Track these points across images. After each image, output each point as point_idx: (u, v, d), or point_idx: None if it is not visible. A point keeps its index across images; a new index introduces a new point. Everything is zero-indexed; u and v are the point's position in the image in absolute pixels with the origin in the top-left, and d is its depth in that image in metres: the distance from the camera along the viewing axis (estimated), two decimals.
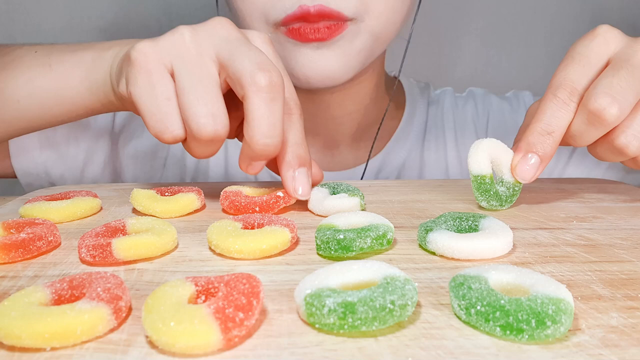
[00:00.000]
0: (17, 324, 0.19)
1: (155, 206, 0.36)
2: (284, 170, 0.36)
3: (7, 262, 0.28)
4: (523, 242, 0.30)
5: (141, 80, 0.34)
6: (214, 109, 0.33)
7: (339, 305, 0.19)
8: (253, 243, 0.28)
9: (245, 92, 0.32)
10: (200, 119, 0.33)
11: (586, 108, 0.33)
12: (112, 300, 0.21)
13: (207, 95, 0.33)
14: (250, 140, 0.33)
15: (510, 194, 0.37)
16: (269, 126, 0.32)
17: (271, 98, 0.32)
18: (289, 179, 0.36)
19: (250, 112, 0.32)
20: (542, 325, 0.19)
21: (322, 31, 0.45)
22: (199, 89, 0.33)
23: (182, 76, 0.33)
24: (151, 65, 0.34)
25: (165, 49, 0.34)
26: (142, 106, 0.34)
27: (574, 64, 0.35)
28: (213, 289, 0.22)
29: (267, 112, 0.32)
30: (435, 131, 0.62)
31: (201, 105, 0.33)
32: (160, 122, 0.34)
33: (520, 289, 0.22)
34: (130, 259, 0.28)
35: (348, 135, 0.60)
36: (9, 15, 0.85)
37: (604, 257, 0.28)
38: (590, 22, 0.90)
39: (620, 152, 0.34)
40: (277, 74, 0.32)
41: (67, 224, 0.35)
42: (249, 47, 0.34)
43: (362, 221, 0.30)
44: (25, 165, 0.56)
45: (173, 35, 0.35)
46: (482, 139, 0.37)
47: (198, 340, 0.18)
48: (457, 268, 0.26)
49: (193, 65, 0.34)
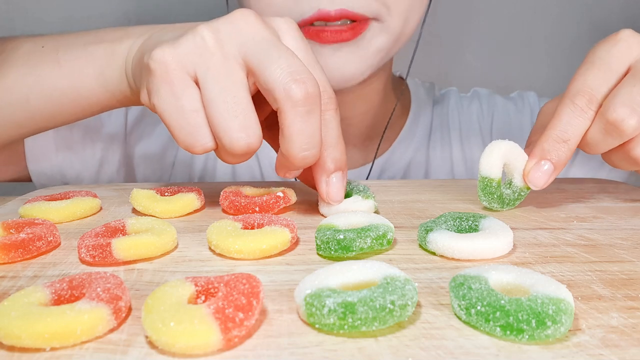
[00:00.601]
0: (16, 324, 0.19)
1: (155, 206, 0.36)
2: (318, 175, 0.34)
3: (7, 262, 0.28)
4: (523, 242, 0.30)
5: (164, 92, 0.32)
6: (247, 121, 0.31)
7: (339, 305, 0.19)
8: (253, 243, 0.28)
9: (280, 107, 0.30)
10: (233, 133, 0.30)
11: (604, 117, 0.33)
12: (112, 301, 0.21)
13: (238, 107, 0.31)
14: (288, 154, 0.31)
15: (515, 198, 0.36)
16: (307, 139, 0.31)
17: (308, 111, 0.30)
18: (323, 184, 0.34)
19: (287, 127, 0.30)
20: (543, 326, 0.19)
21: (343, 34, 0.45)
22: (228, 100, 0.31)
23: (209, 85, 0.31)
24: (173, 75, 0.31)
25: (187, 55, 0.31)
26: (168, 120, 0.32)
27: (594, 69, 0.34)
28: (213, 289, 0.22)
29: (304, 126, 0.30)
30: (440, 131, 0.62)
31: (232, 118, 0.30)
32: (189, 135, 0.32)
33: (520, 289, 0.22)
34: (130, 259, 0.28)
35: (356, 136, 0.60)
36: (8, 15, 0.85)
37: (604, 257, 0.28)
38: (591, 24, 0.90)
39: (636, 163, 0.34)
40: (312, 82, 0.30)
41: (66, 224, 0.35)
42: (279, 49, 0.31)
43: (362, 221, 0.30)
44: (41, 167, 0.56)
45: (194, 38, 0.32)
46: (500, 140, 0.36)
47: (198, 340, 0.18)
48: (457, 268, 0.26)
49: (219, 71, 0.31)
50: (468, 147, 0.61)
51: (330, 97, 0.34)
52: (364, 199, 0.35)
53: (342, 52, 0.47)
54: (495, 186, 0.35)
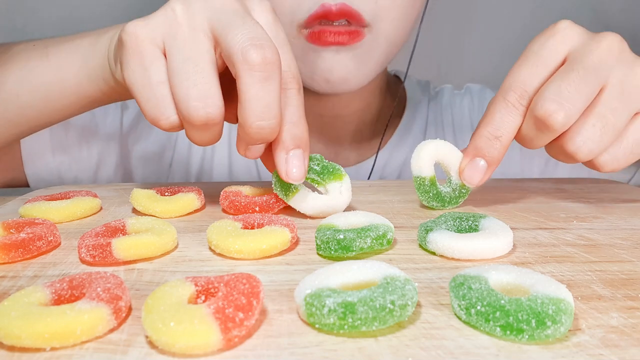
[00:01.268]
0: (17, 324, 0.19)
1: (155, 206, 0.36)
2: (277, 151, 0.33)
3: (7, 262, 0.28)
4: (523, 242, 0.30)
5: (133, 63, 0.32)
6: (206, 89, 0.30)
7: (339, 305, 0.19)
8: (253, 243, 0.28)
9: (237, 71, 0.30)
10: (191, 102, 0.30)
11: (533, 113, 0.32)
12: (112, 300, 0.21)
13: (198, 75, 0.30)
14: (244, 123, 0.30)
15: (456, 196, 0.36)
16: (263, 108, 0.30)
17: (265, 77, 0.29)
18: (282, 161, 0.33)
19: (243, 92, 0.30)
20: (542, 326, 0.19)
21: (342, 36, 0.46)
22: (189, 69, 0.30)
23: (173, 55, 0.31)
24: (142, 46, 0.31)
25: (156, 27, 0.32)
26: (135, 91, 0.32)
27: (527, 63, 0.34)
28: (213, 289, 0.22)
29: (260, 93, 0.30)
30: (435, 128, 0.62)
31: (191, 86, 0.30)
32: (155, 107, 0.32)
33: (520, 289, 0.22)
34: (130, 259, 0.28)
35: (352, 134, 0.61)
36: (8, 15, 0.85)
37: (604, 257, 0.28)
38: (591, 22, 0.90)
39: (571, 158, 0.34)
40: (272, 49, 0.29)
41: (67, 224, 0.35)
42: (245, 18, 0.31)
43: (362, 221, 0.30)
44: (39, 171, 0.56)
45: (165, 12, 0.32)
46: (430, 140, 0.36)
47: (198, 340, 0.18)
48: (457, 268, 0.26)
49: (185, 42, 0.31)
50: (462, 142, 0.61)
51: (294, 76, 0.34)
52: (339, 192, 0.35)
53: (341, 55, 0.47)
54: (429, 184, 0.35)
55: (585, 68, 0.32)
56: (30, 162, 0.55)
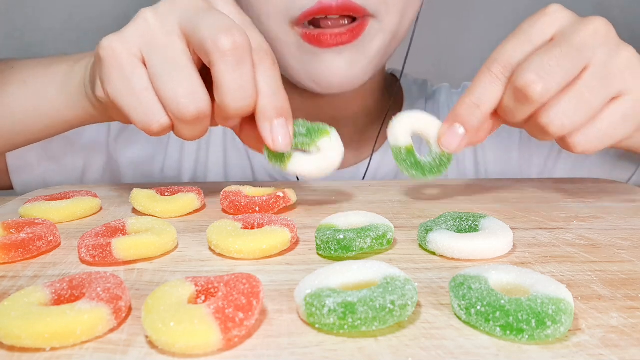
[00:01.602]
0: (17, 324, 0.19)
1: (155, 206, 0.36)
2: (260, 123, 0.34)
3: (7, 262, 0.28)
4: (523, 242, 0.30)
5: (115, 76, 0.33)
6: (191, 86, 0.32)
7: (339, 305, 0.19)
8: (253, 243, 0.28)
9: (211, 59, 0.31)
10: (180, 100, 0.32)
11: (513, 84, 0.33)
12: (112, 301, 0.21)
13: (181, 74, 0.32)
14: (223, 105, 0.32)
15: (437, 165, 0.37)
16: (239, 90, 0.32)
17: (237, 61, 0.31)
18: (267, 131, 0.34)
19: (219, 78, 0.31)
20: (542, 326, 0.19)
21: (343, 37, 0.45)
22: (171, 70, 0.32)
23: (153, 61, 0.32)
24: (120, 58, 0.32)
25: (131, 37, 0.33)
26: (122, 102, 0.33)
27: (514, 40, 0.35)
28: (213, 289, 0.22)
29: (235, 76, 0.31)
30: None
31: (177, 85, 0.32)
32: (143, 114, 0.33)
33: (520, 289, 0.22)
34: (130, 259, 0.28)
35: (349, 135, 0.60)
36: (8, 15, 0.86)
37: (604, 257, 0.28)
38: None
39: (543, 131, 0.34)
40: (240, 34, 0.31)
41: (67, 224, 0.35)
42: (211, 12, 0.32)
43: (362, 221, 0.30)
44: (25, 178, 0.56)
45: (136, 22, 0.33)
46: (407, 111, 0.37)
47: (198, 340, 0.18)
48: (457, 268, 0.26)
49: (161, 47, 0.32)
50: None
51: (267, 52, 0.35)
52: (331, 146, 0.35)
53: (343, 55, 0.46)
54: (405, 153, 0.36)
55: (570, 46, 0.32)
56: (16, 171, 0.56)
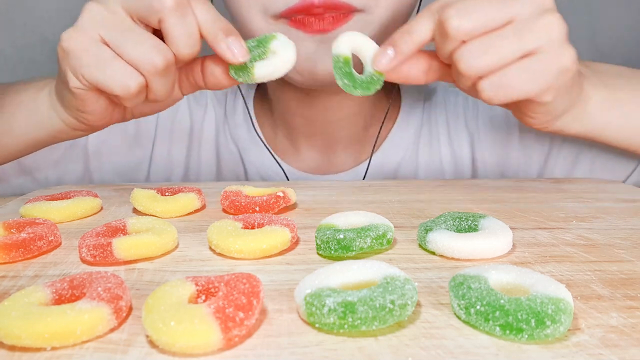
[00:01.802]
0: (17, 324, 0.19)
1: (156, 206, 0.36)
2: (216, 46, 0.37)
3: (8, 261, 0.28)
4: (523, 242, 0.30)
5: (84, 58, 0.36)
6: (153, 41, 0.36)
7: (339, 304, 0.19)
8: (253, 243, 0.28)
9: (160, 17, 0.35)
10: (147, 55, 0.35)
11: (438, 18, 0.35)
12: (113, 300, 0.21)
13: (140, 37, 0.36)
14: (179, 53, 0.36)
15: (367, 81, 0.38)
16: (191, 36, 0.36)
17: (183, 13, 0.35)
18: (225, 49, 0.37)
19: (170, 31, 0.35)
20: (542, 325, 0.19)
21: (326, 20, 0.45)
22: (131, 37, 0.35)
23: (112, 37, 0.36)
24: (84, 43, 0.36)
25: (87, 25, 0.36)
26: (98, 77, 0.36)
27: None
28: (213, 289, 0.22)
29: (184, 28, 0.35)
30: (429, 127, 0.61)
31: (140, 45, 0.35)
32: (120, 79, 0.35)
33: (520, 288, 0.22)
34: (131, 258, 0.28)
35: (346, 138, 0.59)
36: (8, 15, 0.86)
37: (604, 257, 0.28)
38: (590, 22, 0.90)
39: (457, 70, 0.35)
40: None
41: (67, 224, 0.35)
42: None
43: (362, 221, 0.30)
44: (2, 190, 0.57)
45: (85, 13, 0.37)
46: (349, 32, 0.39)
47: (198, 339, 0.18)
48: (457, 268, 0.26)
49: (114, 24, 0.36)
50: (456, 140, 0.59)
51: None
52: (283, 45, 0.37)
53: (326, 45, 0.46)
54: (342, 62, 0.38)
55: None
56: None
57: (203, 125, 0.62)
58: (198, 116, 0.62)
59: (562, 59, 0.35)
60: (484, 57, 0.34)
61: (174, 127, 0.61)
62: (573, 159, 0.56)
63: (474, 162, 0.59)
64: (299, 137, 0.59)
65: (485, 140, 0.58)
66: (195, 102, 0.63)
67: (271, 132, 0.61)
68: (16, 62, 0.87)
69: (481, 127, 0.59)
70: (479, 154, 0.58)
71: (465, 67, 0.34)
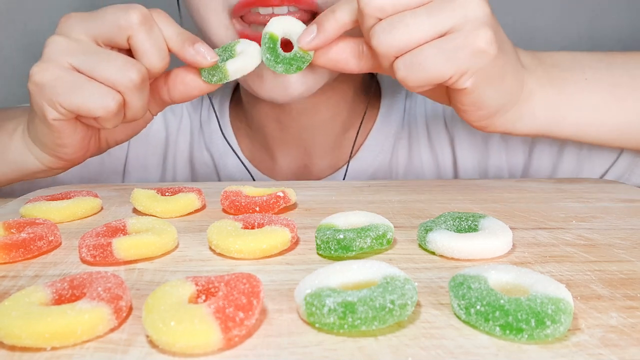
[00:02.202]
0: (17, 324, 0.19)
1: (156, 206, 0.36)
2: (184, 53, 0.38)
3: (8, 261, 0.28)
4: (522, 242, 0.30)
5: (59, 87, 0.36)
6: (123, 59, 0.37)
7: (339, 304, 0.19)
8: (253, 243, 0.28)
9: (129, 34, 0.36)
10: (121, 72, 0.36)
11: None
12: (113, 300, 0.21)
13: (110, 57, 0.37)
14: (151, 66, 0.37)
15: (290, 58, 0.39)
16: (160, 50, 0.37)
17: (148, 29, 0.37)
18: (194, 55, 0.38)
19: (140, 46, 0.37)
20: (542, 325, 0.19)
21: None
22: (101, 59, 0.36)
23: (82, 62, 0.36)
24: (55, 72, 0.36)
25: (54, 56, 0.37)
26: (76, 102, 0.36)
27: None
28: (213, 289, 0.22)
29: (153, 41, 0.37)
30: (409, 126, 0.59)
31: (112, 65, 0.36)
32: (98, 99, 0.36)
33: (519, 288, 0.22)
34: (131, 258, 0.28)
35: (323, 144, 0.57)
36: (9, 15, 0.86)
37: (604, 257, 0.28)
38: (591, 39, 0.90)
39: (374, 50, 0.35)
40: (141, 7, 0.37)
41: (67, 224, 0.35)
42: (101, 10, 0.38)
43: (362, 221, 0.30)
44: None
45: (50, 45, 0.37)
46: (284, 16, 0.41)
47: (198, 339, 0.18)
48: (457, 268, 0.26)
49: (82, 51, 0.37)
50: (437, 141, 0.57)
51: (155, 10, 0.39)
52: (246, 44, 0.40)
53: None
54: (268, 38, 0.40)
55: None
56: None
57: (178, 137, 0.62)
58: (173, 127, 0.62)
59: (477, 39, 0.33)
60: (394, 32, 0.34)
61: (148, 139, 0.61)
62: (557, 154, 0.54)
63: (455, 164, 0.57)
64: (275, 144, 0.58)
65: (466, 140, 0.56)
66: (171, 113, 0.62)
67: (248, 141, 0.60)
68: (16, 62, 0.87)
69: (460, 127, 0.57)
70: (460, 155, 0.56)
71: (376, 43, 0.34)
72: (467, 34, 0.33)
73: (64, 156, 0.42)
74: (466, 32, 0.33)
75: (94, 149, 0.44)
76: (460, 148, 0.57)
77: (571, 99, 0.42)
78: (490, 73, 0.36)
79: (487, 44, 0.34)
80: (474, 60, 0.34)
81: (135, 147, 0.61)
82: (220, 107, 0.61)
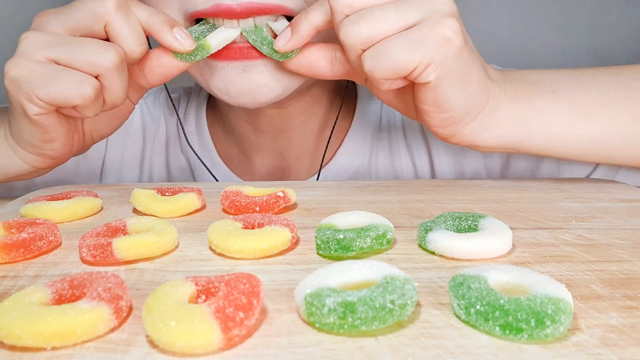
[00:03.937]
0: (17, 324, 0.19)
1: (156, 206, 0.36)
2: (161, 37, 0.38)
3: (8, 261, 0.28)
4: (522, 242, 0.30)
5: (36, 80, 0.36)
6: (99, 43, 0.36)
7: (339, 304, 0.19)
8: (253, 243, 0.28)
9: (106, 20, 0.36)
10: (98, 55, 0.36)
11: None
12: (113, 300, 0.21)
13: (85, 42, 0.36)
14: (130, 51, 0.37)
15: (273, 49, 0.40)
16: (137, 35, 0.37)
17: (124, 14, 0.36)
18: (172, 40, 0.38)
19: (118, 31, 0.36)
20: (542, 325, 0.19)
21: (249, 52, 0.42)
22: (76, 45, 0.36)
23: (58, 53, 0.36)
24: (30, 65, 0.36)
25: (28, 50, 0.36)
26: (54, 92, 0.36)
27: None
28: (213, 289, 0.22)
29: (130, 26, 0.37)
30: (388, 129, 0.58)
31: (89, 50, 0.36)
32: (75, 86, 0.36)
33: (519, 288, 0.22)
34: (131, 258, 0.28)
35: (300, 147, 0.57)
36: (9, 15, 0.86)
37: (603, 257, 0.28)
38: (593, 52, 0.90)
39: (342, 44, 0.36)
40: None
41: (67, 224, 0.36)
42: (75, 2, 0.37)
43: (362, 221, 0.30)
44: None
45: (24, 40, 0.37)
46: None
47: (198, 339, 0.18)
48: (457, 268, 0.26)
49: (57, 43, 0.36)
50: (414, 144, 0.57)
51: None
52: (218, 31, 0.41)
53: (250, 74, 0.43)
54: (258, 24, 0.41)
55: None
56: None
57: (155, 140, 0.61)
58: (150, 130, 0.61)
59: (442, 28, 0.34)
60: (361, 22, 0.34)
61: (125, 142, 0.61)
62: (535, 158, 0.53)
63: (432, 167, 0.57)
64: (252, 148, 0.58)
65: (442, 143, 0.55)
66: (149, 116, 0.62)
67: (225, 145, 0.60)
68: None
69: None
70: (437, 157, 0.56)
71: (344, 35, 0.35)
72: (433, 24, 0.34)
73: (50, 153, 0.41)
74: (432, 22, 0.34)
75: (78, 144, 0.43)
76: (437, 150, 0.56)
77: (540, 113, 0.41)
78: (454, 68, 0.36)
79: (453, 33, 0.34)
80: (439, 49, 0.34)
81: (113, 149, 0.61)
82: (197, 110, 0.61)
